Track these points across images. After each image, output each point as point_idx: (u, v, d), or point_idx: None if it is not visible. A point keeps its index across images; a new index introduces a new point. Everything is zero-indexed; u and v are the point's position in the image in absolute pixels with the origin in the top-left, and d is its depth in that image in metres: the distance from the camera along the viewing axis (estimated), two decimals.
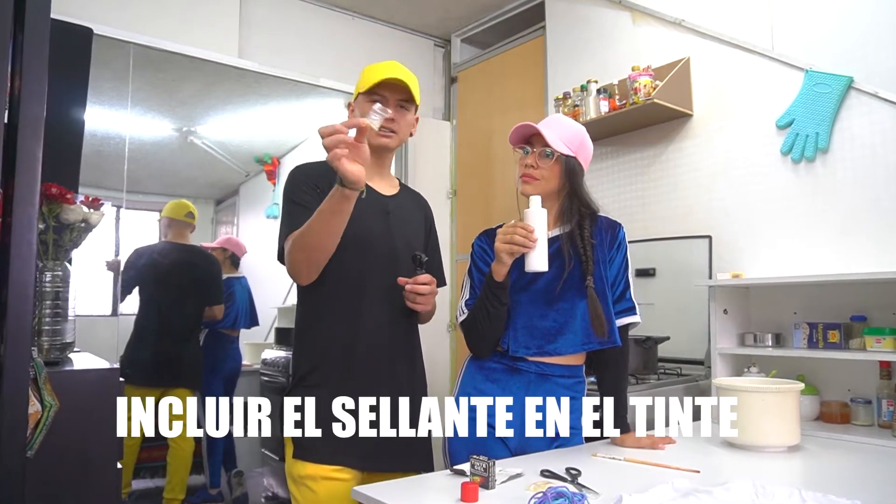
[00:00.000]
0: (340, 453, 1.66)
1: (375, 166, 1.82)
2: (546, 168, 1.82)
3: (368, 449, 1.67)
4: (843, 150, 2.49)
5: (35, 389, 1.17)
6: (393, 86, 1.77)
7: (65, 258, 1.86)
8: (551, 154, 1.81)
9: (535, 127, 1.83)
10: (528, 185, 1.84)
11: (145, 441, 3.47)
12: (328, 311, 1.74)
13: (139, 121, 3.82)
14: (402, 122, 1.81)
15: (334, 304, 1.73)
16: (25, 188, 1.01)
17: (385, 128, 1.75)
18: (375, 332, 1.74)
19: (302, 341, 1.79)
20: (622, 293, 1.88)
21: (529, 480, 1.47)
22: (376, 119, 1.48)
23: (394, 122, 1.78)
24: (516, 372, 1.84)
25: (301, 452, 1.68)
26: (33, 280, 1.00)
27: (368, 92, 1.77)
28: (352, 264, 1.71)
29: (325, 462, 1.65)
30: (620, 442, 1.85)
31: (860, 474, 1.71)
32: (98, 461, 1.70)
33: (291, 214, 1.69)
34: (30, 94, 1.03)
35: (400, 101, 1.80)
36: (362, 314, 1.73)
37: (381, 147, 1.80)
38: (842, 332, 2.31)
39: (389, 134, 1.79)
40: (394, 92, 1.78)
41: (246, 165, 4.45)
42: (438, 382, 4.02)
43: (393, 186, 1.91)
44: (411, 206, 1.95)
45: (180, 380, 3.50)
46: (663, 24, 3.14)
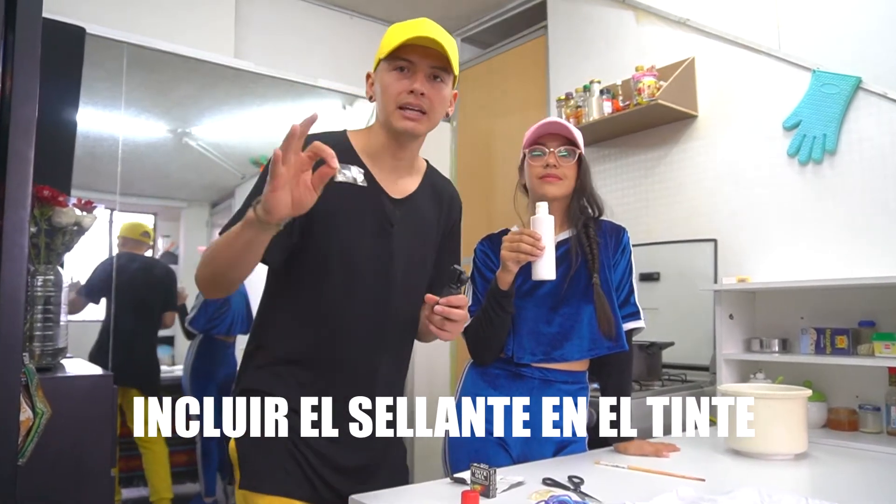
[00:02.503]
0: (294, 483, 1.37)
1: (391, 155, 1.45)
2: (568, 167, 1.81)
3: (329, 479, 1.41)
4: (852, 152, 2.47)
5: (26, 396, 1.14)
6: (424, 49, 1.35)
7: (57, 262, 1.86)
8: (572, 154, 1.81)
9: (563, 126, 1.82)
10: (552, 185, 1.81)
11: (123, 450, 3.45)
12: (294, 336, 1.42)
13: (133, 122, 3.77)
14: (436, 99, 1.39)
15: (303, 329, 1.42)
16: (16, 190, 0.97)
17: (411, 105, 1.37)
18: (350, 375, 1.43)
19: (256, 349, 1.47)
20: (626, 298, 1.87)
21: (531, 489, 1.45)
22: (342, 177, 1.15)
23: (424, 99, 1.37)
24: (519, 378, 1.82)
25: (247, 482, 1.38)
26: (24, 284, 0.97)
27: (391, 57, 1.37)
28: (331, 291, 1.39)
29: (277, 494, 1.35)
30: (623, 449, 1.83)
31: (868, 482, 1.70)
32: (91, 469, 1.72)
33: (243, 202, 1.34)
34: (21, 95, 1.00)
35: (433, 68, 1.38)
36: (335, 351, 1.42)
37: (405, 133, 1.40)
38: (850, 337, 2.29)
39: (418, 115, 1.38)
40: (425, 57, 1.36)
41: (242, 168, 4.40)
42: (438, 387, 4.00)
43: (413, 181, 1.52)
44: (427, 206, 1.54)
45: (134, 381, 3.48)
46: (668, 23, 3.13)
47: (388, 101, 1.38)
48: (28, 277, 1.23)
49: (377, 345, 1.45)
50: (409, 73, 1.37)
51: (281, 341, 1.44)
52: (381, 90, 1.40)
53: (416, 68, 1.37)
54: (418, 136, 1.43)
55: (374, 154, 1.45)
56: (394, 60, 1.37)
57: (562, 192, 1.81)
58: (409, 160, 1.49)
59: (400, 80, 1.37)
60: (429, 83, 1.38)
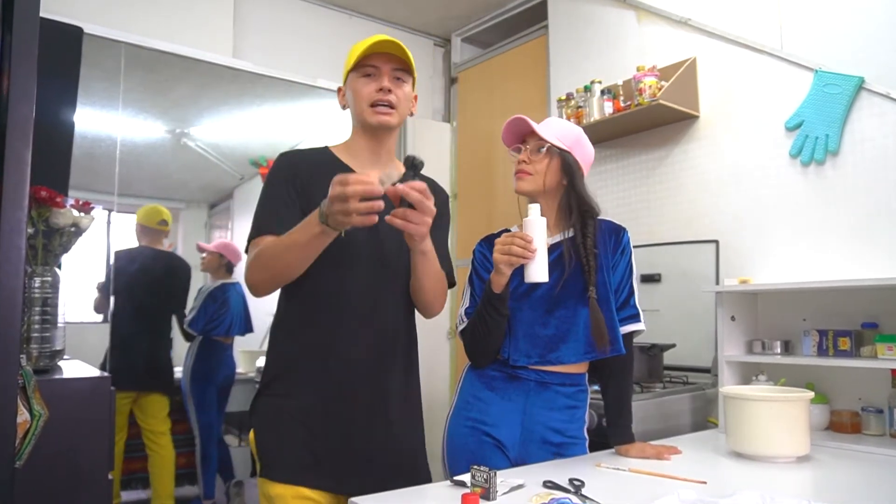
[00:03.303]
0: (309, 472, 1.53)
1: (372, 153, 1.67)
2: (539, 162, 1.80)
3: (342, 469, 1.55)
4: (854, 153, 2.46)
5: (24, 398, 1.15)
6: (385, 55, 1.61)
7: (54, 263, 1.86)
8: (543, 147, 1.79)
9: (526, 122, 1.82)
10: (521, 181, 1.82)
11: (129, 451, 3.46)
12: (302, 321, 1.59)
13: (131, 122, 3.77)
14: (401, 95, 1.63)
15: (309, 314, 1.59)
16: (14, 191, 0.97)
17: (381, 101, 1.60)
18: (353, 348, 1.58)
19: (273, 347, 1.65)
20: (626, 299, 1.85)
21: (531, 491, 1.45)
22: (384, 184, 1.35)
23: (391, 95, 1.61)
24: (516, 380, 1.82)
25: (268, 471, 1.54)
26: (22, 286, 0.97)
27: (358, 66, 1.62)
28: (329, 275, 1.56)
29: (293, 482, 1.52)
30: (625, 452, 1.83)
31: (871, 485, 1.69)
32: (89, 471, 1.72)
33: (263, 209, 1.59)
34: (18, 95, 1.00)
35: (395, 70, 1.63)
36: (338, 328, 1.58)
37: (380, 126, 1.63)
38: (853, 339, 2.28)
39: (388, 110, 1.61)
40: (388, 61, 1.61)
41: (240, 168, 4.39)
42: (438, 390, 3.98)
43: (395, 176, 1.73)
44: None
45: (152, 385, 3.49)
46: (669, 22, 3.11)
47: (360, 102, 1.63)
48: (25, 279, 1.23)
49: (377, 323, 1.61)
50: (376, 77, 1.62)
51: (292, 333, 1.61)
52: (354, 95, 1.64)
53: (381, 71, 1.61)
54: (392, 129, 1.66)
55: (355, 156, 1.67)
56: (361, 68, 1.62)
57: (532, 187, 1.80)
58: (387, 155, 1.70)
59: (368, 84, 1.62)
60: (393, 83, 1.62)
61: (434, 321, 1.87)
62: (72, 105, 2.08)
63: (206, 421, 3.65)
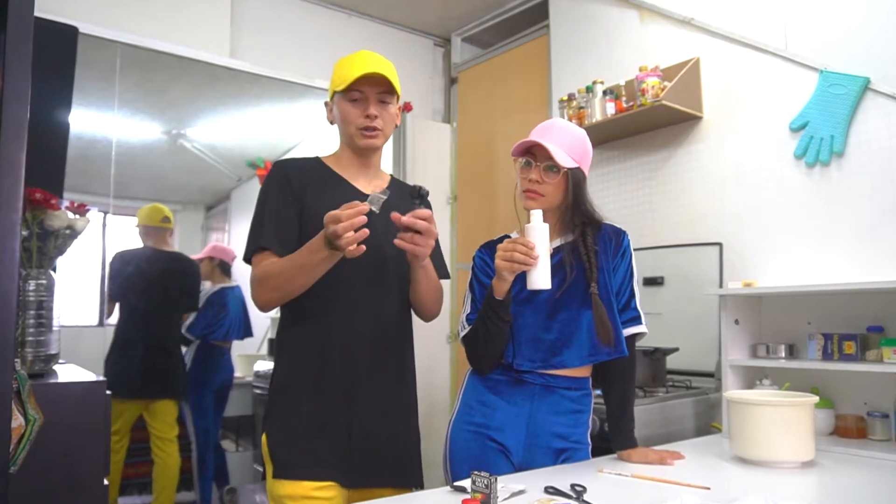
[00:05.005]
0: (321, 466, 1.60)
1: (360, 166, 1.79)
2: (552, 184, 1.78)
3: (352, 462, 1.63)
4: (860, 154, 2.44)
5: (18, 403, 1.15)
6: (371, 79, 1.68)
7: (49, 266, 1.86)
8: (557, 169, 1.77)
9: (540, 143, 1.78)
10: (532, 201, 1.79)
11: (130, 457, 3.43)
12: (304, 322, 1.69)
13: (126, 123, 3.76)
14: (387, 118, 1.74)
15: (310, 314, 1.68)
16: (8, 193, 0.98)
17: (368, 127, 1.71)
18: (355, 346, 1.67)
19: (279, 350, 1.74)
20: (627, 302, 1.85)
21: (533, 497, 1.45)
22: (376, 206, 1.49)
23: (377, 120, 1.72)
24: (521, 384, 1.81)
25: (279, 471, 1.62)
26: (16, 289, 0.97)
27: (345, 91, 1.70)
28: (329, 275, 1.61)
29: (304, 478, 1.59)
30: (627, 457, 1.83)
31: (877, 491, 1.69)
32: (84, 477, 1.74)
33: (262, 222, 1.68)
34: (12, 96, 1.00)
35: (380, 95, 1.72)
36: (340, 326, 1.67)
37: (367, 148, 1.76)
38: (858, 343, 2.26)
39: (374, 133, 1.73)
40: (373, 86, 1.70)
41: (238, 170, 4.39)
42: (438, 395, 3.96)
43: (382, 184, 1.82)
44: (398, 202, 1.74)
45: (165, 391, 3.44)
46: (672, 22, 3.10)
47: (348, 126, 1.73)
48: (20, 282, 1.21)
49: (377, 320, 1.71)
50: (362, 102, 1.71)
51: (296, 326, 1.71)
52: (342, 118, 1.74)
53: (367, 96, 1.70)
54: (378, 149, 1.80)
55: (344, 168, 1.79)
56: (348, 93, 1.70)
57: (542, 207, 1.77)
58: (374, 168, 1.83)
59: (355, 108, 1.72)
60: (379, 107, 1.72)
61: (434, 326, 1.88)
62: (67, 106, 2.08)
63: (202, 426, 3.64)
